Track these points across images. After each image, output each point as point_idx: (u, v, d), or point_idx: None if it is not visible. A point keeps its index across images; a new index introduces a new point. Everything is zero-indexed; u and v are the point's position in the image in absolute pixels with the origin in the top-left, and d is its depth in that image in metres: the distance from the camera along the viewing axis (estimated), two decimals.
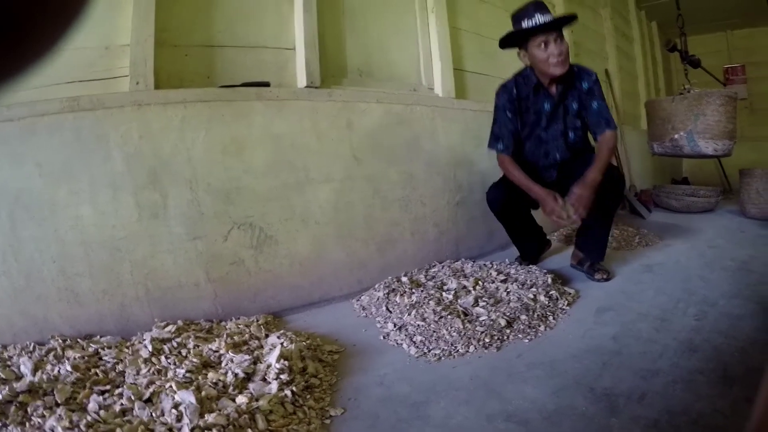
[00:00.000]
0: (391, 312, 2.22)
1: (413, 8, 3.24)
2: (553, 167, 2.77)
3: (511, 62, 2.87)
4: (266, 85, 2.36)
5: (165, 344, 1.81)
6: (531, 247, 3.07)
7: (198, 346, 1.79)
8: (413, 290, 2.37)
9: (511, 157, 2.72)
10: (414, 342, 1.92)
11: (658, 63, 7.30)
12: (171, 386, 1.45)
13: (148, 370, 1.60)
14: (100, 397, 1.43)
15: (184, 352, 1.76)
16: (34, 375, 1.54)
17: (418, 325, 2.02)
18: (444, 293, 2.31)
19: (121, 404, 1.40)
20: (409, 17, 3.20)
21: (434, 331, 1.96)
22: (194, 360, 1.65)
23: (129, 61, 2.09)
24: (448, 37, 3.26)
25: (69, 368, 1.58)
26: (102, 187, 2.00)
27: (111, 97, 2.02)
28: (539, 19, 2.45)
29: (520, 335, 1.98)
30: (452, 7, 3.35)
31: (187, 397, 1.39)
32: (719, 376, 1.59)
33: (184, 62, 2.28)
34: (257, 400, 1.43)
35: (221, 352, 1.73)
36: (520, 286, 2.38)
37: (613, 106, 5.33)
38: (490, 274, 2.58)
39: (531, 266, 2.73)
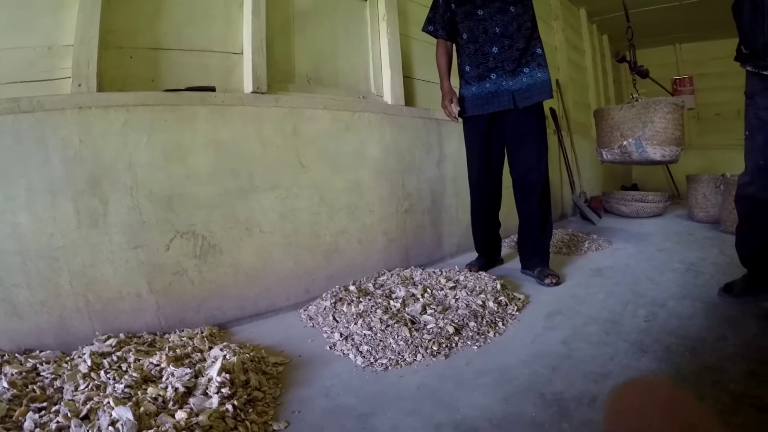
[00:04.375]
0: (337, 321, 2.18)
1: (364, 15, 3.25)
2: (494, 42, 2.73)
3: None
4: (212, 89, 2.31)
5: (105, 358, 1.74)
6: (487, 252, 3.18)
7: (138, 360, 1.72)
8: (360, 299, 2.34)
9: (444, 41, 2.92)
10: (360, 352, 1.89)
11: (608, 74, 7.51)
12: (109, 402, 1.39)
13: (87, 386, 1.54)
14: (36, 415, 1.37)
15: (124, 366, 1.69)
16: None
17: (365, 335, 1.99)
18: (392, 301, 2.29)
19: (58, 422, 1.33)
20: (360, 24, 3.21)
21: (381, 340, 1.94)
22: (134, 374, 1.58)
23: (72, 62, 2.02)
24: (398, 45, 3.27)
25: (6, 385, 1.51)
26: (40, 193, 1.90)
27: (51, 99, 1.93)
28: None
29: (468, 342, 1.98)
30: (403, 14, 3.37)
31: (124, 413, 1.33)
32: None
33: (128, 64, 2.21)
34: (197, 415, 1.38)
35: (162, 365, 1.67)
36: (469, 293, 2.38)
37: (563, 116, 5.43)
38: (439, 281, 2.58)
39: (481, 273, 2.74)
